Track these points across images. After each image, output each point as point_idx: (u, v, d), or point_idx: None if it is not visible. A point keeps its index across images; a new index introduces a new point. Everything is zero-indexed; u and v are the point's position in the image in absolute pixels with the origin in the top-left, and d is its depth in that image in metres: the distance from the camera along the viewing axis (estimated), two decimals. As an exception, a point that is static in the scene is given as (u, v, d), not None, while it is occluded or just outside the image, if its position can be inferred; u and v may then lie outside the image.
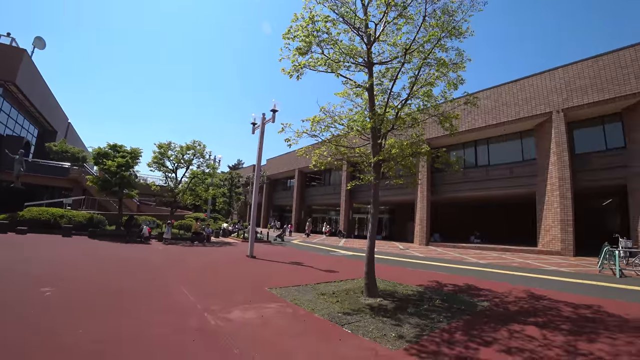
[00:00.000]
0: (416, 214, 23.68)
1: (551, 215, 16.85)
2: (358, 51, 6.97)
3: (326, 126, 7.32)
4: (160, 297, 5.93)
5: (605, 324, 5.12)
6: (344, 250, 17.35)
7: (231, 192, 32.25)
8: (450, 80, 7.01)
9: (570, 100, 16.75)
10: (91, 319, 4.47)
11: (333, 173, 34.45)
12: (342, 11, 6.76)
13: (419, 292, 7.14)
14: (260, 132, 13.77)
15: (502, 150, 21.22)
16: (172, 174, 20.87)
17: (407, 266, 11.98)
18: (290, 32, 6.63)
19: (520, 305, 6.29)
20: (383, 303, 6.04)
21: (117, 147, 19.42)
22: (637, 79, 14.73)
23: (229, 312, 5.17)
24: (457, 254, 16.77)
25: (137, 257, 11.24)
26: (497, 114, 19.74)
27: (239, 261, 11.83)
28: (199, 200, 21.63)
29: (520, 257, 15.58)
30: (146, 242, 16.39)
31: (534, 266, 12.22)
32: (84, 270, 8.08)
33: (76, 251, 11.57)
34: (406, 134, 7.79)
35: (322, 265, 11.31)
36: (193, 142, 20.57)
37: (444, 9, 6.43)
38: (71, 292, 5.90)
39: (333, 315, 5.21)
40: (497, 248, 18.69)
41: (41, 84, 31.86)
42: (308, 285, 7.55)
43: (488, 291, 7.55)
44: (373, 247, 6.75)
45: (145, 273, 8.36)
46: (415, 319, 5.17)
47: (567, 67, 17.20)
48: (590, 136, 17.58)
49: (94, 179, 19.40)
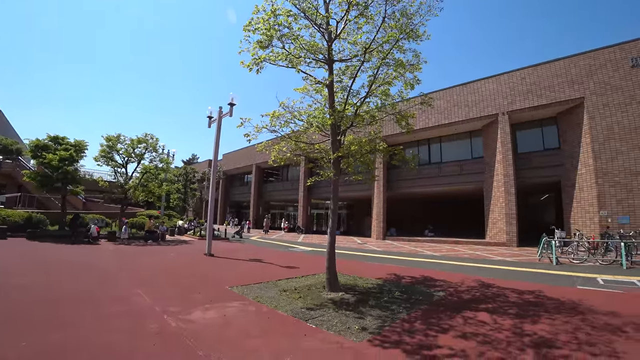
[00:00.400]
0: (373, 209, 24.32)
1: (497, 210, 18.13)
2: (319, 47, 6.99)
3: (286, 122, 7.29)
4: (113, 301, 5.58)
5: (545, 307, 5.65)
6: (303, 246, 17.42)
7: (186, 188, 31.02)
8: (407, 80, 7.28)
9: (514, 103, 18.08)
10: (34, 330, 4.09)
11: (291, 169, 34.33)
12: (304, 6, 6.74)
13: (379, 285, 7.38)
14: (217, 126, 13.36)
15: (454, 149, 22.39)
16: (122, 168, 19.65)
17: (366, 260, 12.30)
18: (251, 24, 6.51)
19: (473, 293, 6.73)
20: (345, 297, 6.16)
21: (59, 139, 17.94)
22: (569, 88, 16.29)
23: (189, 313, 5.01)
24: (413, 247, 17.50)
25: (84, 259, 10.49)
26: (449, 114, 20.78)
27: (197, 260, 11.46)
28: (152, 197, 20.60)
29: (471, 248, 16.61)
30: (95, 242, 15.35)
31: (483, 257, 13.09)
32: (22, 276, 7.36)
33: (12, 254, 10.58)
34: (365, 131, 7.98)
35: (283, 261, 11.29)
36: (145, 135, 19.46)
37: (402, 11, 6.64)
38: (8, 301, 5.38)
39: (296, 311, 5.23)
40: (449, 241, 19.77)
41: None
42: (269, 282, 7.51)
43: (443, 282, 7.98)
44: (333, 243, 6.85)
45: (94, 276, 7.82)
46: (377, 311, 5.34)
47: (511, 73, 18.52)
48: (531, 137, 19.11)
49: (32, 174, 17.76)
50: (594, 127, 15.36)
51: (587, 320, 4.88)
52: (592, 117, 15.46)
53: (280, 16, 6.39)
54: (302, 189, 30.82)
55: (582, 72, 16.06)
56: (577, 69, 16.21)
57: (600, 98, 15.37)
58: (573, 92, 16.19)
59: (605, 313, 5.23)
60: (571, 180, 16.43)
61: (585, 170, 15.61)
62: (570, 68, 16.43)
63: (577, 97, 16.06)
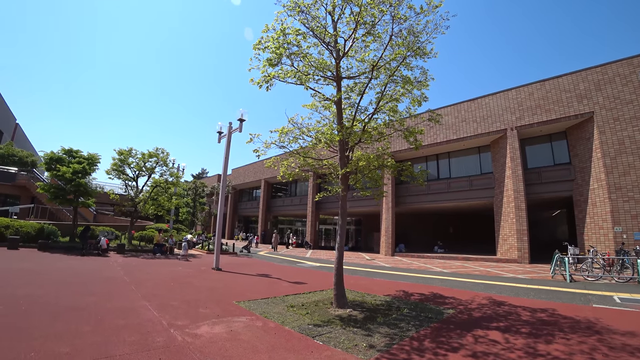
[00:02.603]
0: (382, 224, 24.16)
1: (508, 226, 17.87)
2: (327, 65, 7.13)
3: (294, 137, 7.39)
4: (120, 314, 5.60)
5: (559, 326, 5.50)
6: (311, 262, 17.31)
7: (195, 202, 31.26)
8: (414, 97, 7.35)
9: (523, 119, 18.03)
10: (42, 341, 4.13)
11: (299, 184, 34.46)
12: (313, 25, 6.92)
13: (387, 302, 7.28)
14: (226, 141, 13.56)
15: (462, 164, 22.28)
16: (132, 182, 19.97)
17: (374, 276, 12.15)
18: (261, 42, 6.67)
19: (483, 311, 6.59)
20: (353, 313, 6.09)
21: (73, 152, 18.36)
22: (578, 102, 16.22)
23: (196, 328, 5.00)
24: (422, 264, 17.26)
25: (93, 271, 10.56)
26: (457, 129, 20.78)
27: (204, 274, 11.45)
28: (162, 210, 20.77)
29: (481, 265, 16.32)
30: (104, 254, 15.47)
31: (494, 274, 12.85)
32: (35, 286, 7.47)
33: (23, 265, 10.70)
34: (373, 147, 8.02)
35: (290, 277, 11.22)
36: (156, 149, 19.84)
37: (409, 30, 6.77)
38: (16, 311, 5.44)
39: (303, 328, 5.18)
40: (460, 257, 19.46)
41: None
42: (277, 297, 7.46)
43: (453, 299, 7.84)
44: (341, 259, 6.81)
45: (102, 288, 7.87)
46: (385, 328, 5.26)
47: (519, 88, 18.55)
48: (540, 152, 18.97)
49: (46, 186, 18.15)
50: (605, 141, 15.20)
51: (604, 341, 4.74)
52: (603, 131, 15.32)
53: (289, 35, 6.55)
54: (310, 205, 30.84)
55: (590, 87, 16.01)
56: (586, 84, 16.17)
57: (610, 112, 15.26)
58: (582, 107, 16.11)
59: (623, 333, 5.08)
60: (583, 196, 16.17)
61: (598, 185, 15.37)
62: (579, 83, 16.40)
63: (586, 111, 15.98)
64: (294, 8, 6.59)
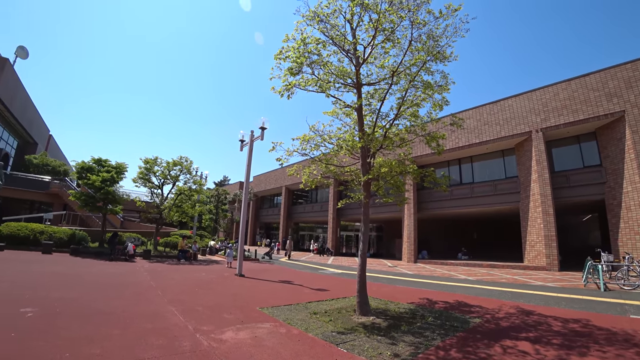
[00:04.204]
0: (403, 231, 23.82)
1: (535, 231, 17.25)
2: (347, 72, 7.17)
3: (316, 145, 7.44)
4: (148, 318, 5.76)
5: (594, 338, 5.25)
6: (332, 268, 17.26)
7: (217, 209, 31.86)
8: (435, 101, 7.30)
9: (548, 120, 17.46)
10: (77, 342, 4.32)
11: (320, 190, 34.50)
12: (332, 34, 7.00)
13: (411, 310, 7.17)
14: (248, 149, 13.78)
15: (486, 168, 21.76)
16: (158, 189, 20.57)
17: (397, 284, 11.99)
18: (282, 52, 6.79)
19: (512, 320, 6.39)
20: (376, 321, 6.03)
21: (102, 162, 19.12)
22: (608, 101, 15.55)
23: (221, 333, 5.08)
24: (446, 271, 16.89)
25: (121, 275, 10.92)
26: (479, 133, 20.34)
27: (228, 279, 11.62)
28: (185, 217, 21.27)
29: (508, 272, 15.81)
30: (131, 259, 15.96)
31: (521, 282, 12.41)
32: (67, 289, 7.81)
33: (56, 269, 11.18)
34: (394, 153, 7.98)
35: (312, 283, 11.23)
36: (180, 157, 20.42)
37: (429, 34, 6.74)
38: (54, 312, 5.70)
39: (327, 335, 5.17)
40: (485, 264, 18.91)
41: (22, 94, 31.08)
42: (299, 304, 7.49)
43: (479, 307, 7.64)
44: (364, 266, 6.78)
45: (130, 292, 8.13)
46: (410, 337, 5.18)
47: (544, 89, 17.99)
48: (568, 154, 18.24)
49: (77, 193, 18.96)
50: (638, 141, 14.50)
51: (642, 354, 4.49)
52: (635, 131, 14.62)
53: (309, 44, 6.64)
54: (331, 211, 30.83)
55: (620, 85, 15.32)
56: (615, 82, 15.49)
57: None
58: (612, 106, 15.43)
59: (663, 346, 4.80)
60: (616, 199, 15.42)
61: (632, 188, 14.64)
62: (607, 81, 15.73)
63: (616, 110, 15.28)
64: (313, 18, 6.70)
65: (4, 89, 26.61)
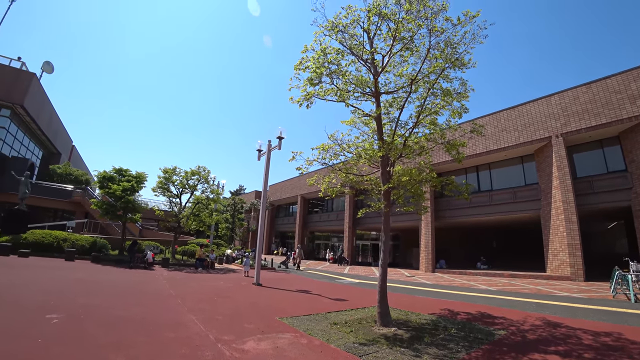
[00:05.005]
0: (421, 240, 23.49)
1: (558, 240, 16.74)
2: (366, 81, 7.20)
3: (335, 154, 7.45)
4: (169, 327, 5.82)
5: (629, 352, 5.04)
6: (350, 278, 17.12)
7: (234, 217, 32.15)
8: (454, 109, 7.22)
9: (569, 125, 17.05)
10: (103, 349, 4.39)
11: (336, 200, 34.48)
12: (350, 44, 7.06)
13: (433, 321, 7.02)
14: (266, 159, 13.86)
15: (505, 175, 21.33)
16: (176, 199, 20.90)
17: (416, 294, 11.79)
18: (302, 63, 6.87)
19: (538, 333, 6.18)
20: (398, 333, 5.93)
21: (123, 171, 19.58)
22: (631, 104, 15.08)
23: (243, 343, 5.08)
24: (466, 281, 16.53)
25: (142, 283, 11.10)
26: (497, 139, 20.01)
27: (245, 288, 11.66)
28: (203, 226, 21.52)
29: (530, 283, 15.35)
30: (150, 267, 16.21)
31: (545, 292, 12.03)
32: (90, 296, 7.98)
33: (79, 276, 11.44)
34: (414, 161, 7.91)
35: (330, 293, 11.15)
36: (198, 167, 20.76)
37: (447, 42, 6.71)
38: (79, 319, 5.82)
39: (349, 346, 5.11)
40: (505, 274, 18.42)
41: (48, 107, 32.40)
42: (319, 314, 7.43)
43: (503, 319, 7.43)
44: (385, 275, 6.70)
45: (151, 300, 8.25)
46: (434, 349, 5.07)
47: (562, 93, 17.62)
48: (591, 160, 17.70)
49: (98, 202, 19.44)
50: (666, 146, 13.97)
51: (682, 371, 4.27)
52: (663, 134, 14.09)
53: (329, 54, 6.71)
54: (347, 220, 30.71)
55: (644, 87, 14.84)
56: (639, 83, 15.02)
57: (671, 114, 14.04)
58: (636, 109, 14.93)
59: None
60: (644, 206, 14.84)
61: (661, 195, 14.08)
62: (630, 83, 15.28)
63: (641, 114, 14.79)
64: (332, 28, 6.77)
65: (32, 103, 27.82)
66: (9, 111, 26.94)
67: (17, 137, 29.27)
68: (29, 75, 27.71)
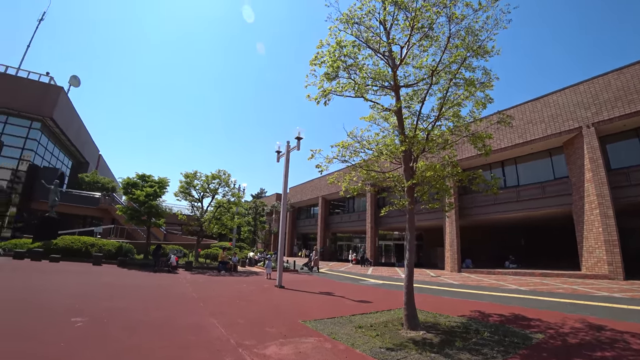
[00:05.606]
0: (445, 239, 22.84)
1: (593, 236, 15.82)
2: (384, 74, 6.94)
3: (355, 151, 7.20)
4: (190, 330, 5.75)
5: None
6: (373, 279, 16.78)
7: (255, 220, 32.37)
8: (478, 99, 6.87)
9: (600, 113, 16.12)
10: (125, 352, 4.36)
11: (357, 200, 34.16)
12: (367, 36, 6.82)
13: (463, 324, 6.66)
14: (285, 160, 13.79)
15: (532, 169, 20.46)
16: (198, 203, 21.15)
17: (443, 295, 11.36)
18: (317, 58, 6.69)
19: (580, 336, 5.72)
20: (427, 336, 5.62)
21: (146, 177, 19.98)
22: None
23: (264, 348, 4.91)
24: (494, 281, 15.87)
25: (166, 286, 11.21)
26: (523, 132, 19.21)
27: (268, 291, 11.56)
28: (225, 229, 21.69)
29: (564, 282, 14.56)
30: (173, 271, 16.41)
31: (582, 292, 11.34)
32: (115, 300, 8.07)
33: (105, 280, 11.67)
34: (438, 156, 7.58)
35: (354, 295, 10.89)
36: (218, 171, 20.90)
37: (467, 29, 6.38)
38: (102, 322, 5.84)
39: (375, 351, 4.86)
40: (536, 273, 17.59)
41: (76, 118, 33.83)
42: (343, 317, 7.19)
43: (539, 321, 6.97)
44: (412, 276, 6.41)
45: (174, 304, 8.26)
46: (466, 354, 4.75)
47: (592, 81, 16.70)
48: (626, 150, 16.67)
49: (123, 208, 19.92)
50: None
51: None
52: None
53: (344, 47, 6.50)
54: (369, 220, 30.32)
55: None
56: (676, 68, 14.03)
57: None
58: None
59: None
60: (689, 198, 13.81)
61: None
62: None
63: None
64: (347, 21, 6.56)
65: (60, 116, 29.07)
66: (39, 124, 28.25)
67: (47, 149, 30.66)
68: (57, 89, 28.96)
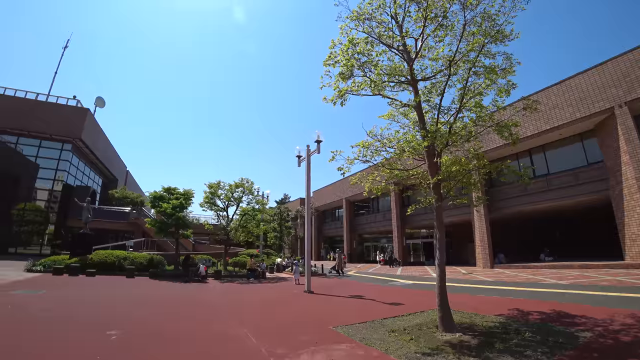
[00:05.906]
0: (475, 234, 22.15)
1: (635, 223, 14.87)
2: (400, 69, 6.76)
3: (376, 150, 7.04)
4: (222, 340, 5.75)
5: None
6: (403, 280, 16.44)
7: (281, 226, 32.60)
8: (500, 87, 6.56)
9: (633, 91, 15.18)
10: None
11: (381, 200, 33.79)
12: (379, 32, 6.66)
13: (502, 324, 6.33)
14: (306, 164, 13.76)
15: (562, 156, 19.56)
16: (223, 212, 21.46)
17: (477, 293, 10.95)
18: (331, 57, 6.60)
19: (634, 334, 5.30)
20: (464, 339, 5.37)
21: (172, 190, 20.43)
22: None
23: (296, 356, 4.82)
24: (530, 275, 15.18)
25: (196, 296, 11.37)
26: (548, 118, 18.38)
27: (297, 297, 11.50)
28: (251, 237, 21.90)
29: (607, 273, 13.74)
30: (203, 280, 16.65)
31: (629, 284, 10.64)
32: (147, 310, 8.27)
33: (138, 291, 11.95)
34: (462, 149, 7.30)
35: (385, 297, 10.66)
36: (241, 179, 21.17)
37: (483, 14, 6.10)
38: (136, 335, 5.94)
39: (411, 357, 4.66)
40: (575, 265, 16.71)
41: (103, 137, 35.38)
42: (375, 321, 7.00)
43: (584, 318, 6.54)
44: (444, 275, 6.16)
45: (205, 313, 8.36)
46: (508, 357, 4.48)
47: (618, 58, 15.81)
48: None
49: (152, 221, 20.45)
50: None
51: None
52: None
53: (357, 45, 6.38)
54: (395, 220, 29.89)
55: None
56: None
57: None
58: None
59: None
60: None
61: None
62: None
63: None
64: (357, 18, 6.45)
65: (88, 136, 30.46)
66: (70, 145, 29.68)
67: (79, 168, 32.22)
68: (83, 111, 30.39)
